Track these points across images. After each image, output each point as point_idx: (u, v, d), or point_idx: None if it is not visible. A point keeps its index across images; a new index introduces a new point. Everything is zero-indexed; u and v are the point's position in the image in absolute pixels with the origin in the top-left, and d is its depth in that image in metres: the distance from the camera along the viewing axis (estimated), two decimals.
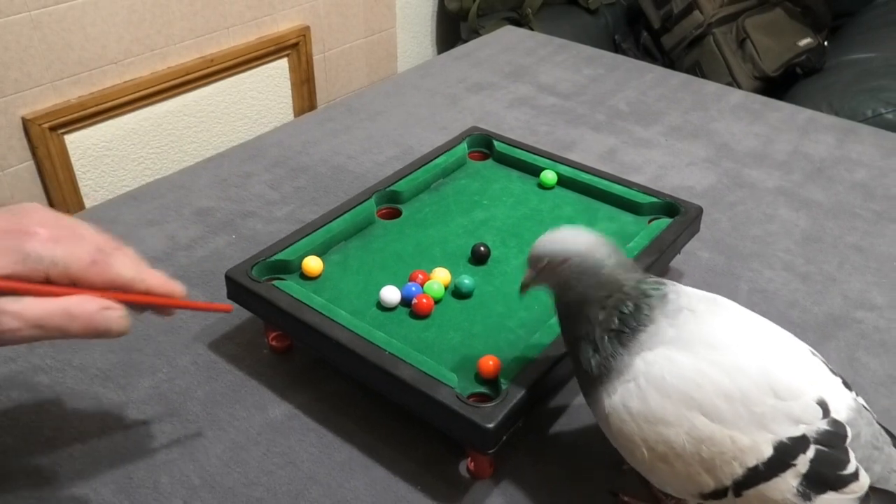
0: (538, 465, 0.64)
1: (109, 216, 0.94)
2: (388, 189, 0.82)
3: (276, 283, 0.69)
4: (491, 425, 0.55)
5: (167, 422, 0.67)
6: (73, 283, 0.48)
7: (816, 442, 0.48)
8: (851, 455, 0.49)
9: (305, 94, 1.95)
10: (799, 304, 0.82)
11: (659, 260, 0.74)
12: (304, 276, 0.72)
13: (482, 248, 0.75)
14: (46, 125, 1.46)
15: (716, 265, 0.88)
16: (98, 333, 0.49)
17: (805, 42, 2.04)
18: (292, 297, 0.67)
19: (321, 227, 0.76)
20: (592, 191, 0.85)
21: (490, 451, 0.57)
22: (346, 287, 0.71)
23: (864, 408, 0.52)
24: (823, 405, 0.49)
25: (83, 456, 0.64)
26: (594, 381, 0.53)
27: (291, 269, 0.72)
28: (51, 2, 1.41)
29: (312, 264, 0.72)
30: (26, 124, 1.45)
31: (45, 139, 1.47)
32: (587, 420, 0.68)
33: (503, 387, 0.58)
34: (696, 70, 2.05)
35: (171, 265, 0.86)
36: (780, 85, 2.00)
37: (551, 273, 0.54)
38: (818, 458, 0.48)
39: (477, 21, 2.15)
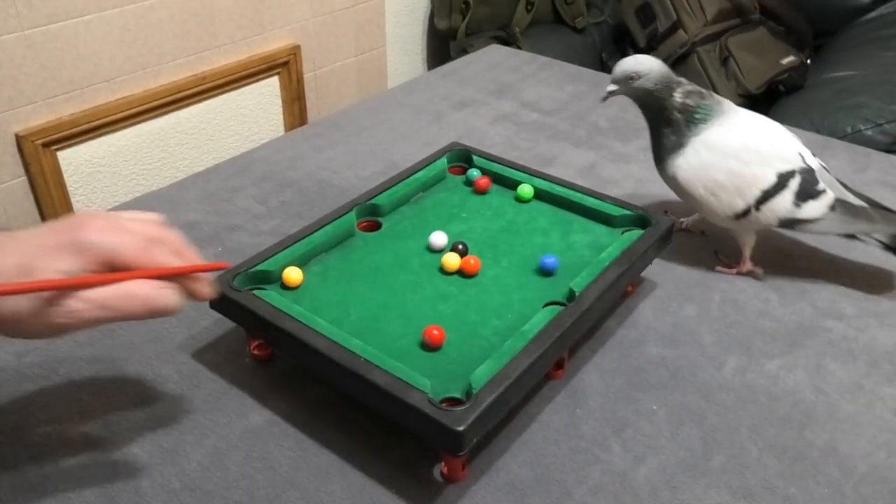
0: (509, 470, 0.66)
1: None
2: (368, 202, 0.85)
3: (256, 292, 0.71)
4: (461, 428, 0.57)
5: (150, 428, 0.69)
6: (127, 270, 0.53)
7: (800, 173, 0.82)
8: (820, 181, 0.83)
9: (296, 111, 1.98)
10: (769, 313, 0.85)
11: (631, 269, 0.77)
12: (285, 287, 0.74)
13: (460, 246, 0.78)
14: (39, 142, 1.49)
15: (689, 276, 0.90)
16: (157, 311, 0.54)
17: (788, 60, 2.08)
18: (272, 306, 0.69)
19: (302, 238, 0.78)
20: (567, 203, 0.87)
21: (460, 454, 0.59)
22: (325, 297, 0.73)
23: (822, 166, 0.85)
24: (801, 155, 0.84)
25: (67, 461, 0.65)
26: (668, 154, 0.84)
27: (272, 279, 0.75)
28: (44, 21, 1.44)
29: (293, 275, 0.74)
30: (19, 141, 1.47)
31: (38, 155, 1.49)
32: (559, 427, 0.70)
33: (474, 391, 0.60)
34: None
35: None
36: (763, 102, 2.03)
37: (634, 87, 0.82)
38: (802, 182, 0.82)
39: (465, 40, 2.19)
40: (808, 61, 2.17)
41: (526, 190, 0.88)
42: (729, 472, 0.66)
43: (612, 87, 0.84)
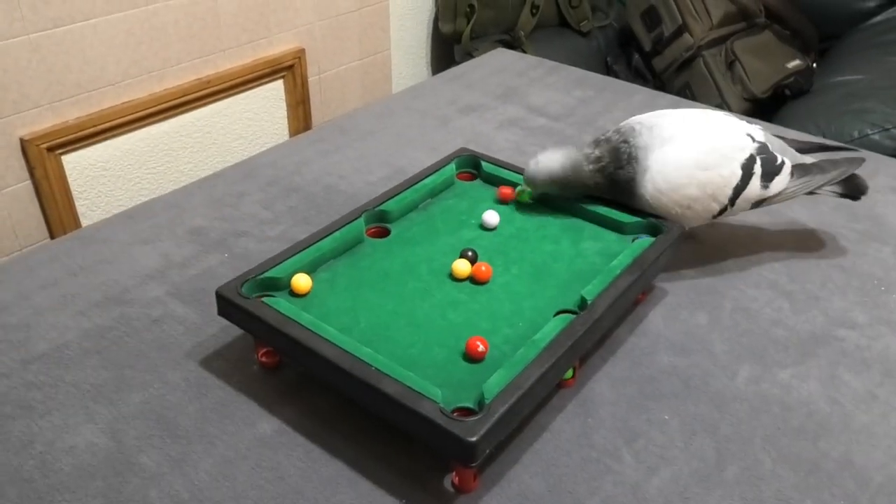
0: (521, 481, 0.65)
1: (104, 235, 0.96)
2: (376, 209, 0.84)
3: (265, 300, 0.71)
4: (474, 439, 0.57)
5: (157, 436, 0.68)
6: None
7: (758, 154, 0.84)
8: (776, 154, 0.85)
9: (301, 115, 1.97)
10: (781, 322, 0.84)
11: (642, 276, 0.76)
12: (294, 294, 0.74)
13: (470, 253, 0.78)
14: (44, 146, 1.48)
15: (700, 283, 0.89)
16: None
17: (793, 64, 2.07)
18: (281, 313, 0.68)
19: (310, 245, 0.77)
20: (577, 210, 0.86)
21: (473, 465, 0.58)
22: (333, 304, 0.73)
23: (762, 131, 0.87)
24: (750, 136, 0.84)
25: (74, 470, 0.65)
26: (632, 188, 0.82)
27: (281, 286, 0.74)
28: (50, 25, 1.44)
29: (301, 282, 0.73)
30: (24, 145, 1.47)
31: (42, 159, 1.49)
32: (570, 437, 0.69)
33: (487, 401, 0.60)
34: (687, 92, 2.08)
35: (164, 283, 0.87)
36: (768, 106, 2.02)
37: (547, 187, 0.85)
38: (763, 163, 0.84)
39: (470, 43, 2.18)
40: (814, 65, 2.16)
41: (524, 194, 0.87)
42: (743, 484, 0.65)
43: (534, 192, 0.86)
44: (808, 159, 0.90)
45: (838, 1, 2.25)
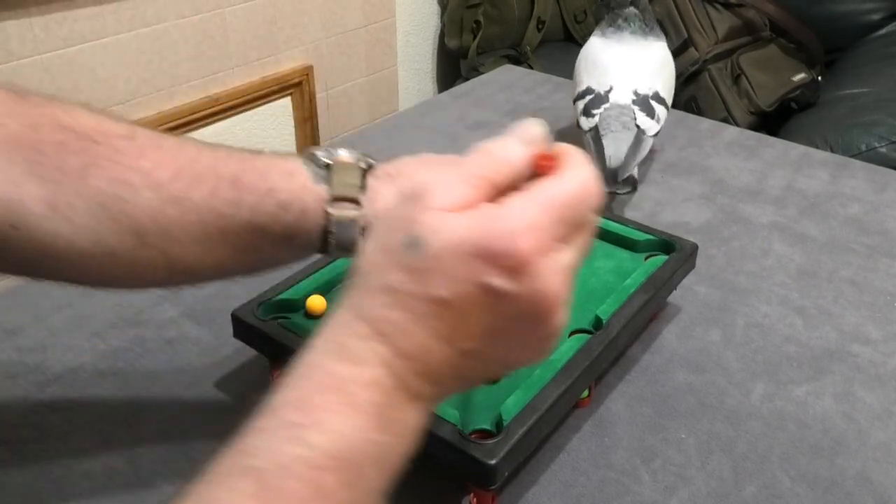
0: (539, 502, 0.65)
1: None
2: None
3: (281, 321, 0.71)
4: (494, 461, 0.57)
5: (174, 460, 0.68)
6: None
7: (592, 95, 1.06)
8: (595, 109, 1.05)
9: (308, 131, 1.98)
10: (794, 338, 0.84)
11: (656, 296, 0.76)
12: (309, 315, 0.74)
13: None
14: None
15: (712, 300, 0.89)
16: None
17: (799, 77, 2.08)
18: (298, 336, 0.68)
19: (325, 266, 0.78)
20: None
21: (493, 488, 0.58)
22: None
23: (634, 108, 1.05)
24: (612, 87, 1.06)
25: (90, 495, 0.65)
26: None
27: (297, 307, 0.74)
28: (61, 45, 1.45)
29: (317, 303, 0.74)
30: None
31: None
32: (587, 457, 0.69)
33: (505, 423, 0.60)
34: (693, 105, 2.09)
35: (176, 303, 0.88)
36: (775, 119, 2.03)
37: None
38: (588, 102, 1.06)
39: (476, 58, 2.19)
40: (820, 78, 2.16)
41: None
42: (761, 503, 0.65)
43: None
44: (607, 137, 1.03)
45: (843, 14, 2.26)
